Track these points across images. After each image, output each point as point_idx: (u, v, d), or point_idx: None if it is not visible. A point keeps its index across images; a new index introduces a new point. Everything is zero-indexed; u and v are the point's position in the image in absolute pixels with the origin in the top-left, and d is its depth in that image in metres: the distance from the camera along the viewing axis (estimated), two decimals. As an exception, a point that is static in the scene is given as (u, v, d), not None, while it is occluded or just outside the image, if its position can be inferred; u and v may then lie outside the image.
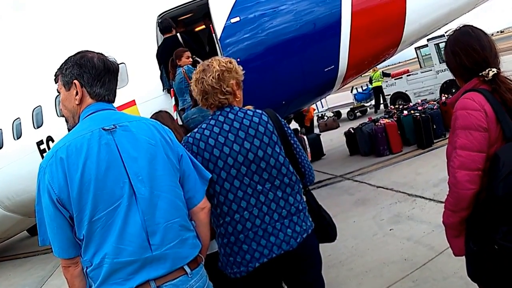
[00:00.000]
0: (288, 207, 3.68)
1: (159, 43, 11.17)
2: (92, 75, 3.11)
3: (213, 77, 3.67)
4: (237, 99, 3.84)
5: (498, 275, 3.29)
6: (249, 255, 3.59)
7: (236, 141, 3.61)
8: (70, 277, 3.05)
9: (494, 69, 3.32)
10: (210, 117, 3.80)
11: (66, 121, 3.32)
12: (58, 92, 3.26)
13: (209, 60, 3.88)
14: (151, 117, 4.80)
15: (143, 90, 10.86)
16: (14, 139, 14.50)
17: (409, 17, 10.54)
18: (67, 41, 13.25)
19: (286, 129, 3.85)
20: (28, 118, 14.10)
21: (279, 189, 3.67)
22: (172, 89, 10.51)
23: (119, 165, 2.91)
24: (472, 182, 3.23)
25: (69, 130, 3.29)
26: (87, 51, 3.22)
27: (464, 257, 3.61)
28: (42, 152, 13.49)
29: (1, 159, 14.78)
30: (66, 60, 3.18)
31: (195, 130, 3.73)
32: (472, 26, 3.58)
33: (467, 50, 3.43)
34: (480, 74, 3.36)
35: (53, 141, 13.16)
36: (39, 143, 13.55)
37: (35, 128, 13.83)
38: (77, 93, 3.12)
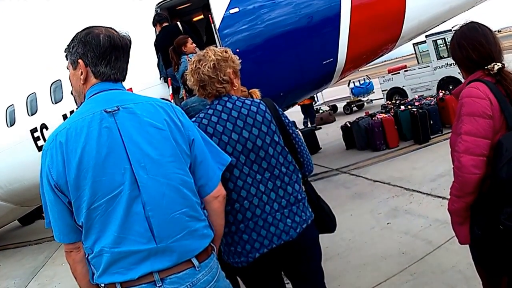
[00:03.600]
0: (287, 197, 3.67)
1: (157, 31, 11.15)
2: (96, 53, 2.95)
3: (209, 67, 3.64)
4: (234, 88, 3.81)
5: (503, 257, 3.42)
6: (249, 245, 3.58)
7: (235, 130, 3.58)
8: (72, 262, 2.98)
9: (499, 64, 3.45)
10: (208, 106, 3.76)
11: (75, 100, 3.22)
12: (68, 69, 3.14)
13: (205, 49, 3.85)
14: None
15: (140, 78, 10.78)
16: (7, 126, 14.32)
17: (409, 13, 10.53)
18: (63, 27, 13.15)
19: (284, 118, 3.83)
20: (22, 105, 13.93)
21: (278, 179, 3.65)
22: (169, 77, 10.51)
23: (120, 150, 2.77)
24: (476, 167, 3.33)
25: None
26: (94, 26, 3.07)
27: (462, 250, 3.66)
28: (36, 140, 13.34)
29: None
30: (73, 37, 3.05)
31: (193, 119, 3.67)
32: (479, 22, 3.70)
33: (474, 44, 3.55)
34: (486, 67, 3.48)
35: (47, 128, 13.02)
36: (33, 131, 13.38)
37: (29, 115, 13.67)
38: (82, 73, 3.00)
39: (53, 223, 2.88)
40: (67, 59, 3.11)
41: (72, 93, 3.27)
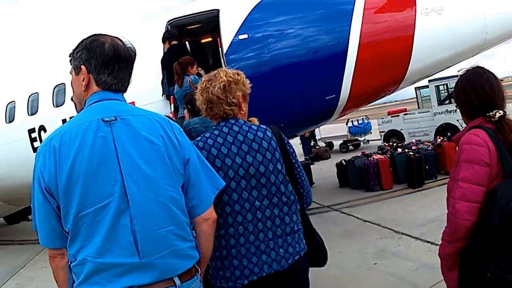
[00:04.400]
0: (284, 226, 3.63)
1: (165, 48, 11.18)
2: (100, 61, 2.95)
3: (219, 87, 3.63)
4: (242, 112, 3.80)
5: None
6: (239, 271, 3.53)
7: (239, 154, 3.56)
8: (55, 267, 2.97)
9: (501, 111, 3.53)
10: (214, 127, 3.74)
11: (75, 106, 3.20)
12: (71, 74, 3.15)
13: (217, 70, 3.85)
14: None
15: (143, 92, 10.77)
16: (6, 122, 14.34)
17: (415, 56, 10.57)
18: (69, 34, 13.22)
19: (288, 147, 3.81)
20: (23, 103, 13.94)
21: (277, 207, 3.61)
22: (172, 96, 10.53)
23: (113, 161, 2.76)
24: (470, 213, 3.38)
25: None
26: (101, 35, 3.07)
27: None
28: (32, 140, 13.32)
29: None
30: (78, 43, 3.06)
31: (198, 138, 3.67)
32: (484, 68, 3.79)
33: (477, 90, 3.64)
34: (487, 114, 3.56)
35: (45, 130, 13.01)
36: (31, 131, 13.36)
37: (29, 114, 13.67)
38: (84, 79, 3.00)
39: (39, 226, 2.87)
40: (70, 64, 3.12)
41: (72, 99, 3.27)
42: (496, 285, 3.24)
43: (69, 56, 3.11)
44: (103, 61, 2.95)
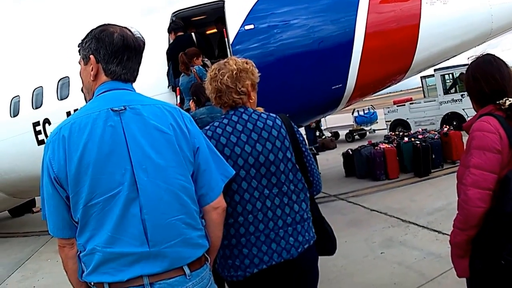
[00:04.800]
0: (293, 215, 3.61)
1: (170, 39, 11.18)
2: (108, 51, 2.93)
3: (228, 76, 3.61)
4: (251, 101, 3.78)
5: None
6: (248, 260, 3.52)
7: (248, 143, 3.55)
8: (65, 257, 2.96)
9: (511, 99, 3.48)
10: (223, 116, 3.72)
11: (84, 96, 3.18)
12: (79, 64, 3.12)
13: (226, 59, 3.83)
14: None
15: (148, 84, 10.80)
16: (11, 116, 14.40)
17: (421, 45, 10.59)
18: (72, 28, 13.27)
19: (298, 136, 3.78)
20: (28, 97, 14.02)
21: (286, 196, 3.60)
22: (177, 87, 10.54)
23: (122, 150, 2.74)
24: (482, 200, 3.35)
25: None
26: (110, 25, 3.05)
27: (455, 285, 3.65)
28: (37, 133, 13.40)
29: None
30: (87, 33, 3.04)
31: (207, 127, 3.65)
32: (494, 55, 3.76)
33: (487, 78, 3.61)
34: (497, 102, 3.54)
35: (50, 124, 13.08)
36: (35, 124, 13.45)
37: (33, 108, 13.76)
38: (92, 69, 2.99)
39: (48, 216, 2.87)
40: (79, 54, 3.11)
41: (82, 90, 3.26)
42: (510, 272, 3.24)
43: (78, 46, 3.11)
44: (112, 51, 2.94)
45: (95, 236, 2.74)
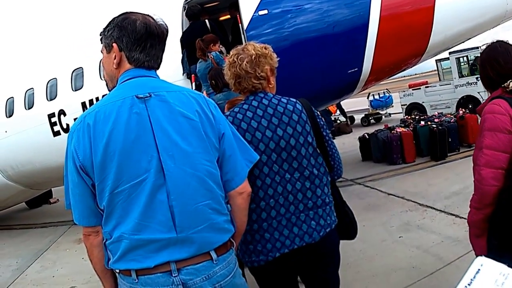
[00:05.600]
0: (315, 199, 3.61)
1: (184, 27, 11.17)
2: (131, 39, 2.93)
3: (247, 61, 3.61)
4: (270, 86, 3.77)
5: None
6: (270, 244, 3.54)
7: (269, 127, 3.54)
8: (90, 245, 2.97)
9: None
10: (243, 102, 3.72)
11: (107, 84, 3.19)
12: (102, 53, 3.12)
13: (244, 44, 3.82)
14: None
15: (163, 72, 10.79)
16: (25, 108, 14.52)
17: (436, 28, 10.50)
18: (87, 18, 13.29)
19: (319, 120, 3.77)
20: (42, 89, 14.12)
21: (308, 180, 3.59)
22: (192, 74, 10.55)
23: (148, 137, 2.75)
24: (496, 179, 3.53)
25: None
26: (132, 12, 3.05)
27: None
28: (52, 125, 13.52)
29: (9, 127, 14.79)
30: (109, 21, 3.04)
31: (227, 113, 3.65)
32: (502, 41, 3.98)
33: (492, 63, 3.84)
34: (503, 85, 3.73)
35: (65, 115, 13.18)
36: (51, 116, 13.56)
37: (48, 100, 13.85)
38: (115, 57, 2.99)
39: (73, 205, 2.88)
40: (101, 43, 3.10)
41: (104, 78, 3.27)
42: None
43: (100, 35, 3.10)
44: (135, 38, 2.93)
45: (121, 223, 2.76)
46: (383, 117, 32.07)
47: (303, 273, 3.91)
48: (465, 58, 24.37)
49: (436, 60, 28.22)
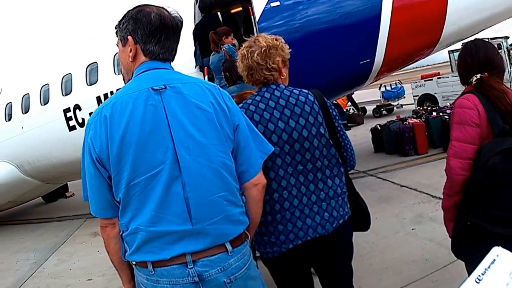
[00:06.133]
0: (327, 190, 3.62)
1: (196, 20, 11.16)
2: (146, 31, 2.94)
3: (258, 53, 3.61)
4: (282, 77, 3.77)
5: (470, 248, 3.84)
6: (284, 236, 3.55)
7: (282, 119, 3.54)
8: (106, 237, 3.00)
9: (478, 75, 3.94)
10: (255, 93, 3.73)
11: (123, 78, 3.20)
12: (117, 46, 3.15)
13: (255, 36, 3.83)
14: None
15: (175, 65, 10.80)
16: (41, 104, 14.62)
17: (449, 18, 10.40)
18: (101, 13, 13.34)
19: (331, 111, 3.76)
20: (57, 84, 14.22)
21: (320, 171, 3.60)
22: (205, 67, 10.53)
23: (164, 128, 2.76)
24: (463, 169, 3.78)
25: None
26: (146, 5, 3.04)
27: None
28: (68, 119, 13.59)
29: (26, 123, 14.93)
30: (124, 14, 3.05)
31: (240, 105, 3.63)
32: (476, 40, 4.27)
33: (459, 62, 4.23)
34: (469, 80, 4.01)
35: (80, 109, 13.25)
36: (66, 111, 13.64)
37: (63, 95, 13.93)
38: (131, 50, 3.00)
39: (90, 196, 2.90)
40: (116, 36, 3.11)
41: (121, 71, 3.28)
42: (474, 232, 3.73)
43: (115, 28, 3.11)
44: (150, 31, 2.94)
45: (137, 215, 2.78)
46: (395, 108, 32.06)
47: (316, 265, 3.91)
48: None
49: (448, 51, 28.12)
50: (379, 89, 33.55)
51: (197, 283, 2.77)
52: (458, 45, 23.12)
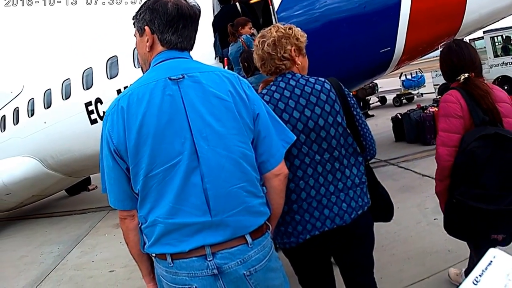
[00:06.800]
0: (345, 180, 3.59)
1: (215, 11, 11.15)
2: (163, 21, 2.92)
3: (268, 44, 3.61)
4: (297, 66, 3.73)
5: (458, 225, 4.36)
6: (301, 226, 3.53)
7: (297, 108, 3.51)
8: (126, 229, 3.00)
9: (466, 74, 4.32)
10: (271, 83, 3.70)
11: (142, 68, 3.19)
12: (135, 37, 3.13)
13: (270, 26, 3.80)
14: None
15: (195, 55, 10.80)
16: (63, 99, 14.80)
17: (470, 6, 10.25)
18: (120, 7, 13.43)
19: (349, 99, 3.71)
20: (78, 79, 14.39)
21: (337, 161, 3.57)
22: (225, 57, 10.52)
23: (182, 119, 2.72)
24: (450, 155, 4.22)
25: None
26: None
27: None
28: (89, 113, 13.77)
29: (48, 117, 15.15)
30: (141, 5, 3.03)
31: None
32: (457, 40, 4.76)
33: (447, 61, 4.59)
34: (457, 78, 4.40)
35: (101, 103, 13.43)
36: (87, 104, 13.81)
37: (84, 89, 14.11)
38: (148, 40, 2.98)
39: (109, 188, 2.90)
40: (134, 27, 3.10)
41: (139, 62, 3.28)
42: (459, 208, 4.17)
43: (132, 19, 3.10)
44: (167, 20, 2.91)
45: (156, 207, 2.77)
46: (415, 97, 31.79)
47: (335, 255, 3.92)
48: (499, 37, 23.91)
49: (469, 40, 27.76)
50: (400, 78, 33.33)
51: (216, 276, 2.75)
52: (479, 33, 23.06)
